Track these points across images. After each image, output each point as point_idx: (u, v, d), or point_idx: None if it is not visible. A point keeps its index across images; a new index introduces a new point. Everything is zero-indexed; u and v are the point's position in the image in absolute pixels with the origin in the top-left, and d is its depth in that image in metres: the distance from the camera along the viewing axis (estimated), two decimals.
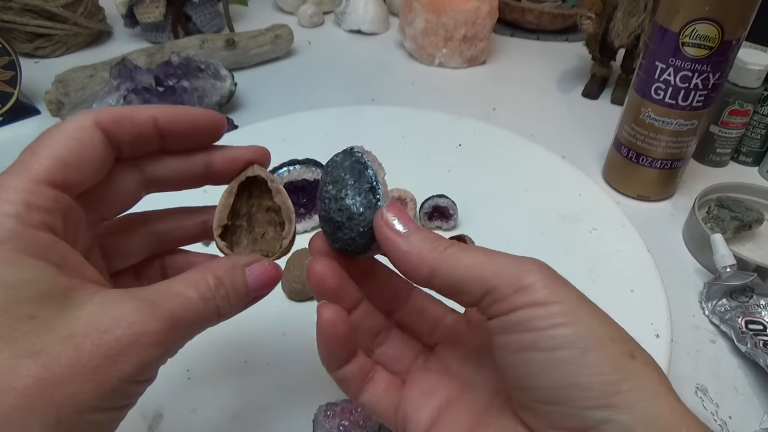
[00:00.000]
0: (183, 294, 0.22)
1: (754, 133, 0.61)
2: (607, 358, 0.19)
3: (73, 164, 0.21)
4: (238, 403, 0.34)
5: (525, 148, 0.58)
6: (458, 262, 0.22)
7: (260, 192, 0.28)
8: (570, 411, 0.20)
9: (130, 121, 0.23)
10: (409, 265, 0.23)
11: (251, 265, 0.25)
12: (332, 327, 0.25)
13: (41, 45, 0.76)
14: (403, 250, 0.23)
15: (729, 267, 0.45)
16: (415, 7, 0.77)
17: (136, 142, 0.24)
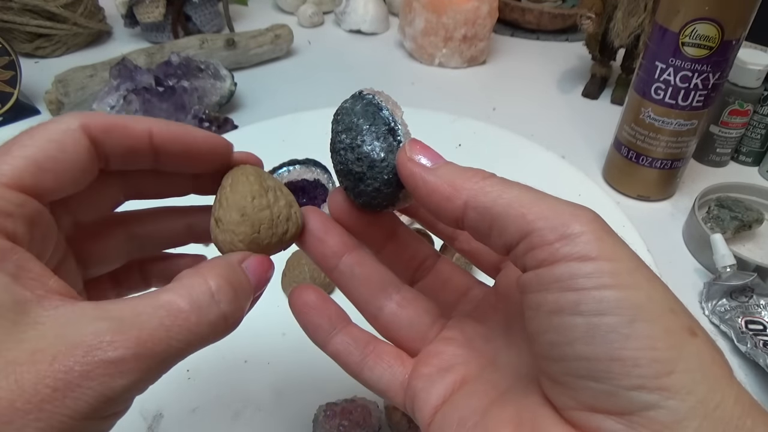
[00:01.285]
0: (169, 305, 0.18)
1: (754, 133, 0.61)
2: (663, 332, 0.16)
3: (48, 169, 0.19)
4: (238, 403, 0.34)
5: (525, 148, 0.58)
6: (499, 194, 0.19)
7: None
8: (610, 389, 0.17)
9: (123, 131, 0.21)
10: (439, 196, 0.20)
11: (246, 261, 0.22)
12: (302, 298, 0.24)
13: (41, 45, 0.76)
14: (431, 182, 0.20)
15: (729, 267, 0.45)
16: (415, 7, 0.77)
17: (126, 155, 0.21)
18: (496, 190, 0.19)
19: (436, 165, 0.21)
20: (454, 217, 0.20)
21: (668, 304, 0.17)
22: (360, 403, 0.32)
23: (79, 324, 0.16)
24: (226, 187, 0.23)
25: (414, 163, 0.21)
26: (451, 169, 0.21)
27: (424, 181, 0.21)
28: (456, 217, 0.20)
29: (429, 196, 0.21)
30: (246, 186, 0.23)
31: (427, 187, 0.21)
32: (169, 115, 0.61)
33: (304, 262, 0.41)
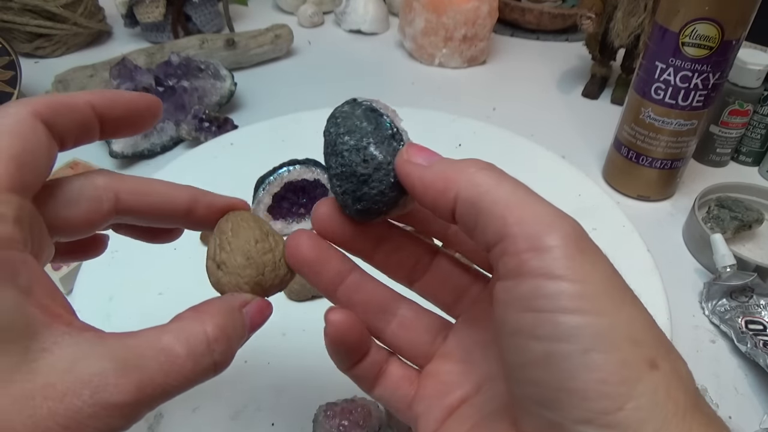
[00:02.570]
0: (168, 352, 0.18)
1: (754, 133, 0.61)
2: (618, 365, 0.15)
3: (26, 164, 0.18)
4: (238, 403, 0.34)
5: (525, 148, 0.58)
6: (488, 189, 0.19)
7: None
8: (559, 420, 0.16)
9: (68, 107, 0.21)
10: (434, 191, 0.20)
11: (248, 305, 0.22)
12: (340, 334, 0.23)
13: (41, 45, 0.76)
14: (427, 177, 0.20)
15: (729, 267, 0.45)
16: (415, 7, 0.77)
17: (77, 131, 0.21)
18: (486, 183, 0.19)
19: (432, 162, 0.21)
20: (448, 211, 0.20)
21: (631, 334, 0.16)
22: (360, 403, 0.32)
23: (86, 360, 0.17)
24: (227, 231, 0.24)
25: (411, 163, 0.21)
26: (446, 163, 0.20)
27: (421, 178, 0.20)
28: (450, 211, 0.20)
29: (425, 193, 0.20)
30: (248, 231, 0.24)
31: (423, 183, 0.20)
32: (169, 115, 0.61)
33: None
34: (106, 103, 0.22)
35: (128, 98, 0.23)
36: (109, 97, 0.22)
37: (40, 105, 0.20)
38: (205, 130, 0.60)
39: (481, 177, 0.19)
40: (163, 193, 0.24)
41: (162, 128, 0.60)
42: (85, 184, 0.22)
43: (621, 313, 0.16)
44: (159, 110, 0.24)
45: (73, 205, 0.21)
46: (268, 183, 0.43)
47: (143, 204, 0.23)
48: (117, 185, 0.22)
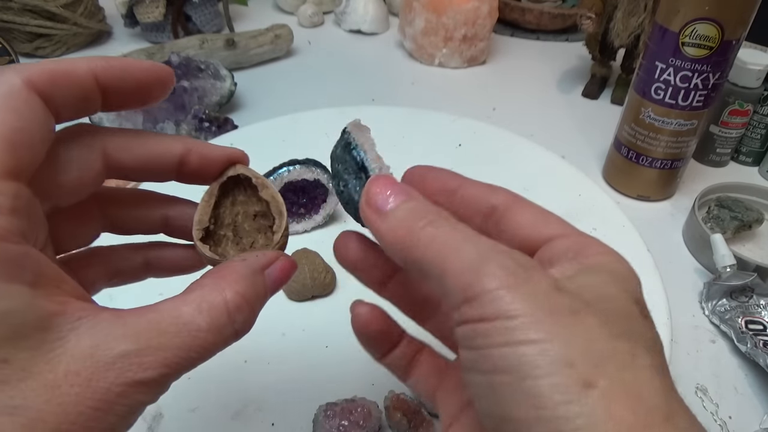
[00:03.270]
0: (190, 326, 0.18)
1: (754, 133, 0.61)
2: (549, 389, 0.16)
3: (20, 144, 0.17)
4: (238, 403, 0.34)
5: (525, 148, 0.58)
6: (425, 249, 0.19)
7: (245, 197, 0.24)
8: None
9: (68, 78, 0.18)
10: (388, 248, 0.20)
11: (271, 266, 0.22)
12: (365, 326, 0.24)
13: (41, 45, 0.76)
14: (381, 231, 0.20)
15: (729, 267, 0.45)
16: (415, 7, 0.77)
17: (77, 104, 0.19)
18: (424, 242, 0.19)
19: (391, 207, 0.20)
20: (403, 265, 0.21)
21: (566, 356, 0.16)
22: (360, 403, 0.32)
23: (106, 344, 0.17)
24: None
25: (369, 209, 0.21)
26: (401, 214, 0.20)
27: (377, 231, 0.21)
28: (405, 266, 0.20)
29: (382, 245, 0.21)
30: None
31: (379, 236, 0.21)
32: (169, 115, 0.61)
33: (305, 263, 0.41)
34: (111, 73, 0.19)
35: (136, 68, 0.20)
36: (115, 66, 0.20)
37: (36, 74, 0.18)
38: (205, 130, 0.60)
39: (422, 236, 0.19)
40: (153, 145, 0.22)
41: (162, 128, 0.60)
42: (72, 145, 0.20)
43: (555, 337, 0.16)
44: (171, 82, 0.22)
45: (63, 170, 0.20)
46: None
47: (133, 158, 0.22)
48: (105, 142, 0.21)
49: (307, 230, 0.47)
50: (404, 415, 0.32)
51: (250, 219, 0.24)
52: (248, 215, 0.24)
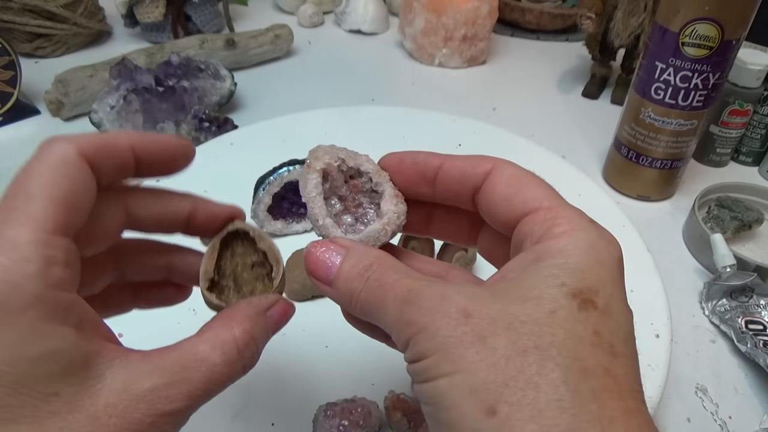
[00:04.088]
0: (207, 361, 0.21)
1: (754, 133, 0.61)
2: (459, 418, 0.17)
3: (72, 206, 0.19)
4: (238, 403, 0.34)
5: (525, 148, 0.58)
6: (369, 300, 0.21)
7: (243, 249, 0.27)
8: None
9: (112, 149, 0.21)
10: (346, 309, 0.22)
11: (272, 307, 0.24)
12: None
13: (41, 45, 0.76)
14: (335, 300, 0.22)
15: (729, 267, 0.45)
16: (415, 7, 0.77)
17: (116, 171, 0.22)
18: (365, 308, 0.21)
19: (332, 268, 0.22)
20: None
21: (470, 386, 0.17)
22: (360, 403, 0.32)
23: (138, 380, 0.19)
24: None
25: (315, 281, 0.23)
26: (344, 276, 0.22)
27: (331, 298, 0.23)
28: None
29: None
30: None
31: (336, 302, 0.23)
32: (169, 115, 0.61)
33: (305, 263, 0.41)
34: (145, 147, 0.22)
35: (165, 143, 0.23)
36: (149, 141, 0.23)
37: (86, 144, 0.20)
38: (205, 130, 0.60)
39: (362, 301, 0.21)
40: (166, 203, 0.25)
41: (162, 128, 0.60)
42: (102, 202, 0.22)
43: (462, 367, 0.17)
44: (192, 155, 0.24)
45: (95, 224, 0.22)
46: (268, 183, 0.43)
47: (150, 215, 0.24)
48: (128, 199, 0.24)
49: (307, 230, 0.47)
50: (404, 415, 0.32)
51: (249, 269, 0.26)
52: (246, 265, 0.26)
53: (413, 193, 0.25)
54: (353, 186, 0.25)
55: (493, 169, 0.22)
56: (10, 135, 0.63)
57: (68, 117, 0.65)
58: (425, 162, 0.24)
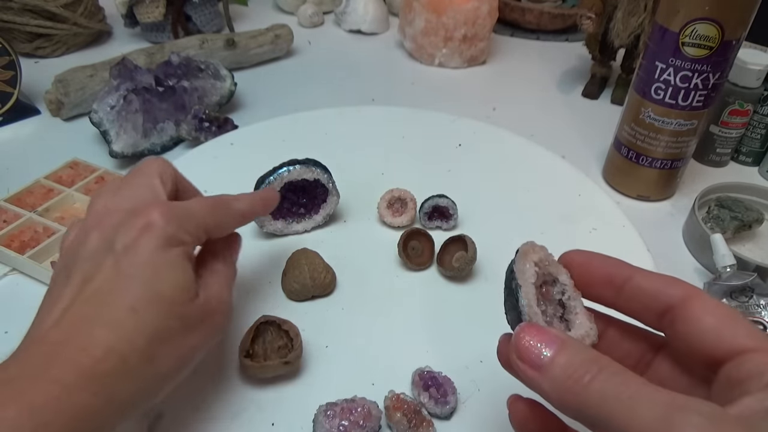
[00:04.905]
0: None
1: (754, 133, 0.61)
2: None
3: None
4: (238, 403, 0.34)
5: (525, 148, 0.58)
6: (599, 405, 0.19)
7: (271, 337, 0.36)
8: None
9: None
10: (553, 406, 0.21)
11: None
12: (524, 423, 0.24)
13: (41, 45, 0.76)
14: (543, 391, 0.21)
15: (729, 267, 0.45)
16: (415, 7, 0.77)
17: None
18: (594, 400, 0.19)
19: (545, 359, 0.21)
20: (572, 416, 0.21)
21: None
22: (360, 403, 0.32)
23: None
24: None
25: (522, 365, 0.21)
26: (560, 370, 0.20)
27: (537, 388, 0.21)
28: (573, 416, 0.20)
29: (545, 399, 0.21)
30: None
31: (541, 394, 0.21)
32: (169, 115, 0.61)
33: (304, 263, 0.41)
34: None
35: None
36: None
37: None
38: (205, 130, 0.60)
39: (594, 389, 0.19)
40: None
41: (162, 128, 0.60)
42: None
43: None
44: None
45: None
46: (268, 183, 0.43)
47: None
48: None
49: (307, 230, 0.47)
50: (404, 414, 0.32)
51: (276, 350, 0.36)
52: (273, 348, 0.36)
53: (593, 295, 0.25)
54: (545, 293, 0.25)
55: (694, 296, 0.22)
56: (10, 135, 0.63)
57: (68, 117, 0.65)
58: (616, 268, 0.24)
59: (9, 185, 0.52)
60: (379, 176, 0.52)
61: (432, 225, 0.47)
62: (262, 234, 0.46)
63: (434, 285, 0.43)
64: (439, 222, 0.47)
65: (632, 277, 0.23)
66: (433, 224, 0.47)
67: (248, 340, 0.35)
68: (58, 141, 0.62)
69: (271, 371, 0.34)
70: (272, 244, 0.45)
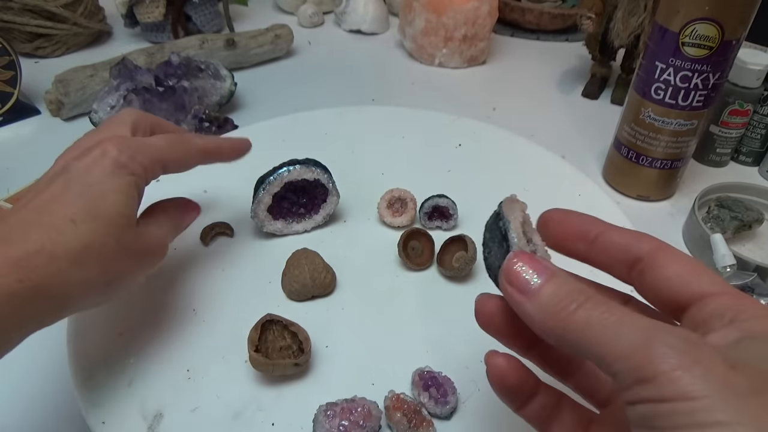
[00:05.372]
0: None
1: (754, 133, 0.61)
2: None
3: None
4: (238, 403, 0.34)
5: (525, 148, 0.58)
6: (582, 332, 0.19)
7: (273, 336, 0.36)
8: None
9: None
10: (536, 328, 0.21)
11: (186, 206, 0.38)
12: (502, 378, 0.25)
13: (41, 45, 0.76)
14: (527, 313, 0.21)
15: (729, 267, 0.45)
16: (415, 7, 0.77)
17: None
18: (578, 326, 0.20)
19: (535, 285, 0.21)
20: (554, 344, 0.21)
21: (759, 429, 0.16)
22: (360, 403, 0.32)
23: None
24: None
25: (511, 288, 0.22)
26: (549, 295, 0.21)
27: (523, 313, 0.22)
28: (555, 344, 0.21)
29: (530, 325, 0.22)
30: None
31: (526, 318, 0.21)
32: (169, 115, 0.61)
33: (305, 263, 0.41)
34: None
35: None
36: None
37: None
38: (205, 130, 0.60)
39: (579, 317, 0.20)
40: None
41: None
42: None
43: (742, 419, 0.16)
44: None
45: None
46: (268, 183, 0.43)
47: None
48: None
49: (307, 230, 0.47)
50: (404, 414, 0.32)
51: (277, 350, 0.36)
52: (275, 348, 0.36)
53: (568, 249, 0.25)
54: None
55: (662, 248, 0.23)
56: (10, 135, 0.63)
57: (68, 117, 0.65)
58: (591, 223, 0.25)
59: (9, 185, 0.52)
60: (379, 176, 0.52)
61: (432, 225, 0.47)
62: (262, 234, 0.46)
63: (434, 285, 0.43)
64: (439, 222, 0.47)
65: (605, 232, 0.24)
66: (433, 224, 0.47)
67: (256, 336, 0.35)
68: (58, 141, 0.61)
69: (280, 370, 0.34)
70: (272, 244, 0.45)
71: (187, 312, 0.39)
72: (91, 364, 0.35)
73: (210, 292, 0.40)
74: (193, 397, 0.34)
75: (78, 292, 0.29)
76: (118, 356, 0.35)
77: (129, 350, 0.36)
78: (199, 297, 0.40)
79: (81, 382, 0.34)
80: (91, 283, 0.29)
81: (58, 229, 0.28)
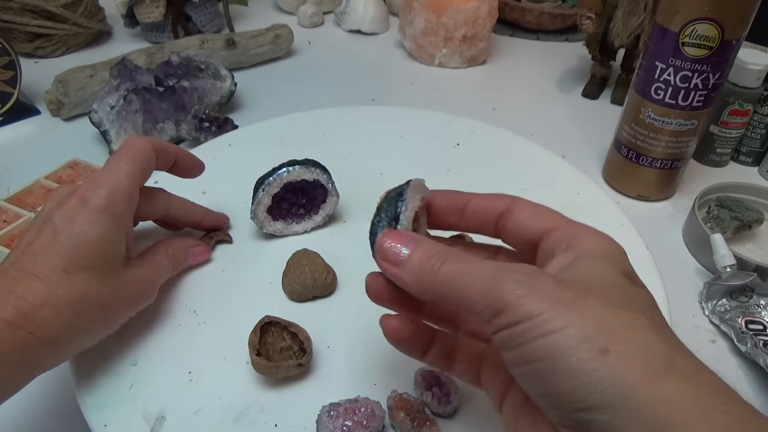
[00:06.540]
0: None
1: (754, 133, 0.61)
2: (578, 362, 0.20)
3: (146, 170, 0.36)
4: (240, 405, 0.34)
5: (525, 148, 0.58)
6: (449, 282, 0.23)
7: (273, 338, 0.36)
8: (565, 414, 0.21)
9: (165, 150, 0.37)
10: (413, 290, 0.25)
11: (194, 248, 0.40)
12: (397, 334, 0.28)
13: (41, 45, 0.76)
14: (404, 281, 0.25)
15: (729, 267, 0.45)
16: (415, 7, 0.77)
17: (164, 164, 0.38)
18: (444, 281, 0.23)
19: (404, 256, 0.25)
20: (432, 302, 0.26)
21: (582, 334, 0.20)
22: (363, 403, 0.32)
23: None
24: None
25: (386, 263, 0.25)
26: (417, 260, 0.24)
27: (400, 280, 0.25)
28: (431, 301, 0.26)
29: (407, 290, 0.25)
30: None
31: (403, 284, 0.25)
32: (169, 115, 0.61)
33: (305, 263, 0.41)
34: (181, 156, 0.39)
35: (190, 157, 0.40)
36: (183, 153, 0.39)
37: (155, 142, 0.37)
38: (205, 130, 0.60)
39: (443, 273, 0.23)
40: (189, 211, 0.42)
41: (162, 128, 0.60)
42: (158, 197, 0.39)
43: (571, 321, 0.20)
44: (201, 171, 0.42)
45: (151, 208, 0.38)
46: (268, 183, 0.43)
47: (178, 216, 0.41)
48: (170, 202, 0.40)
49: (307, 231, 0.47)
50: (407, 414, 0.32)
51: (278, 352, 0.35)
52: (276, 350, 0.35)
53: (447, 223, 0.30)
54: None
55: (516, 201, 0.28)
56: (10, 135, 0.63)
57: (68, 117, 0.65)
58: (457, 196, 0.29)
59: (9, 185, 0.52)
60: (379, 176, 0.52)
61: None
62: (262, 235, 0.46)
63: None
64: None
65: (470, 201, 0.29)
66: None
67: (257, 339, 0.35)
68: (58, 141, 0.62)
69: (283, 372, 0.34)
70: (272, 245, 0.45)
71: (188, 314, 0.39)
72: (93, 366, 0.35)
73: (210, 294, 0.40)
74: (195, 399, 0.34)
75: (80, 339, 0.31)
76: (119, 359, 0.35)
77: (130, 353, 0.36)
78: (199, 298, 0.40)
79: (82, 385, 0.34)
80: (91, 331, 0.31)
81: (55, 281, 0.29)
